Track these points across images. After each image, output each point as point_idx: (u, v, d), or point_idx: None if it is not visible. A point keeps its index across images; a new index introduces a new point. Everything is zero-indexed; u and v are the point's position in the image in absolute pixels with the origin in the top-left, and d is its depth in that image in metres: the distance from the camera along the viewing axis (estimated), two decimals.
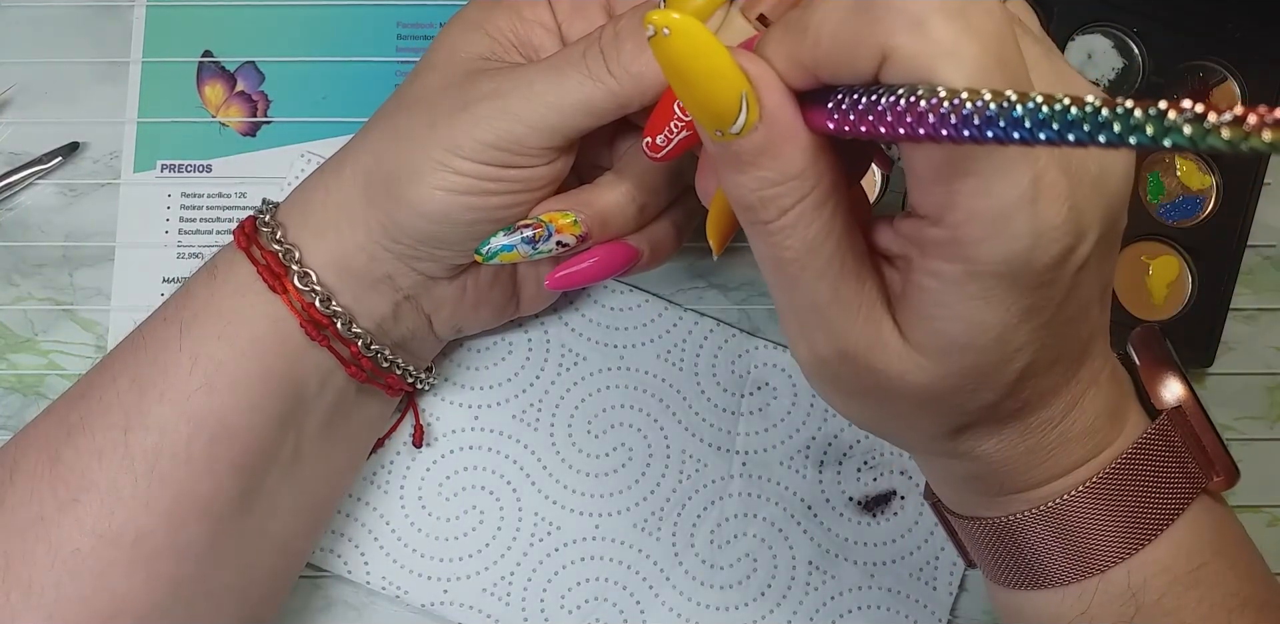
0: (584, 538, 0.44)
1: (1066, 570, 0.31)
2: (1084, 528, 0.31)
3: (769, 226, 0.25)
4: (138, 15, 0.46)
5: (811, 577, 0.44)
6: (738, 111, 0.24)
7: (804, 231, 0.25)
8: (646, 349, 0.45)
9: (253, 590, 0.37)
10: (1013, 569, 0.33)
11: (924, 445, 0.32)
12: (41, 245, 0.45)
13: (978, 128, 0.19)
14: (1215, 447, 0.32)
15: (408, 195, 0.33)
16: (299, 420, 0.36)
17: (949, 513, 0.35)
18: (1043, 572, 0.32)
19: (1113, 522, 0.31)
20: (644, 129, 0.32)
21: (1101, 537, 0.31)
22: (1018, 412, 0.29)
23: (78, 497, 0.33)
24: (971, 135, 0.19)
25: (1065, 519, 0.31)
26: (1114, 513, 0.31)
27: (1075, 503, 0.31)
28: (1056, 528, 0.31)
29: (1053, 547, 0.31)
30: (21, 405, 0.45)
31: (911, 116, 0.21)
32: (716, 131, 0.24)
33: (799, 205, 0.25)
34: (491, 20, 0.34)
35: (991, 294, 0.25)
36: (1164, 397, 0.32)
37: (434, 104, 0.33)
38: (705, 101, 0.24)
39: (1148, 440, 0.31)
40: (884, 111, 0.22)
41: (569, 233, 0.34)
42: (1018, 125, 0.18)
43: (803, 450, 0.44)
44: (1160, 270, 0.44)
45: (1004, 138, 0.19)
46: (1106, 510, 0.31)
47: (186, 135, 0.46)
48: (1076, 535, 0.31)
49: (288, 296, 0.34)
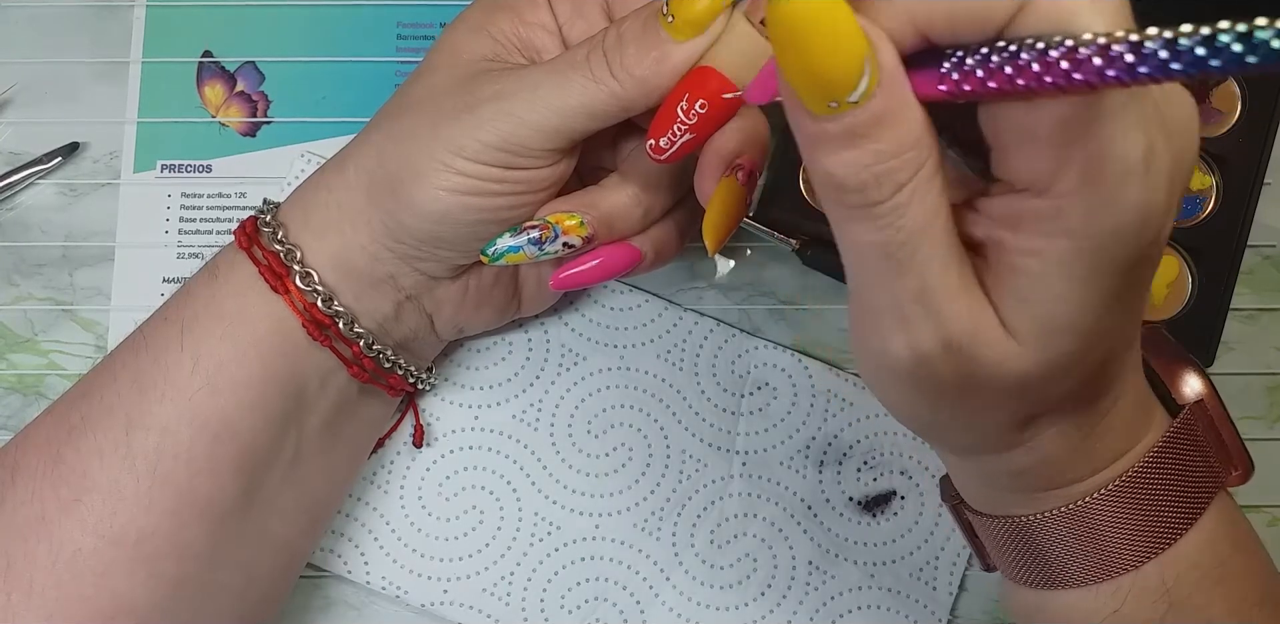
0: (584, 538, 0.44)
1: (1093, 570, 0.31)
2: (1111, 527, 0.30)
3: (880, 207, 0.23)
4: (138, 15, 0.46)
5: (811, 577, 0.44)
6: (859, 77, 0.21)
7: (918, 208, 0.23)
8: (646, 349, 0.45)
9: (253, 590, 0.37)
10: (1036, 569, 0.32)
11: (985, 441, 0.30)
12: (41, 245, 0.45)
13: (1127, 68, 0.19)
14: (1234, 440, 0.32)
15: (411, 195, 0.33)
16: (301, 420, 0.36)
17: (970, 511, 0.34)
18: (1068, 571, 0.31)
19: (1142, 520, 0.30)
20: (648, 131, 0.32)
21: (1130, 536, 0.30)
22: (1090, 398, 0.28)
23: (79, 497, 0.33)
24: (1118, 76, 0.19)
25: (1091, 519, 0.30)
26: (1143, 511, 0.30)
27: (1102, 502, 0.30)
28: (1082, 527, 0.30)
29: (1079, 546, 0.31)
30: (21, 405, 0.45)
31: (1047, 66, 0.20)
32: (830, 103, 0.22)
33: (914, 180, 0.23)
34: (494, 22, 0.34)
35: (1096, 273, 0.23)
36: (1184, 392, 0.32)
37: (437, 105, 0.33)
38: (824, 68, 0.21)
39: (1174, 436, 0.31)
40: (1022, 65, 0.21)
41: (575, 234, 0.34)
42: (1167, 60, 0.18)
43: (803, 450, 0.44)
44: (1160, 270, 0.44)
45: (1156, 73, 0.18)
46: (1135, 509, 0.30)
47: (186, 135, 0.46)
48: (1103, 535, 0.30)
49: (289, 297, 0.34)
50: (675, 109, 0.31)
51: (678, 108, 0.31)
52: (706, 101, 0.31)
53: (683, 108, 0.31)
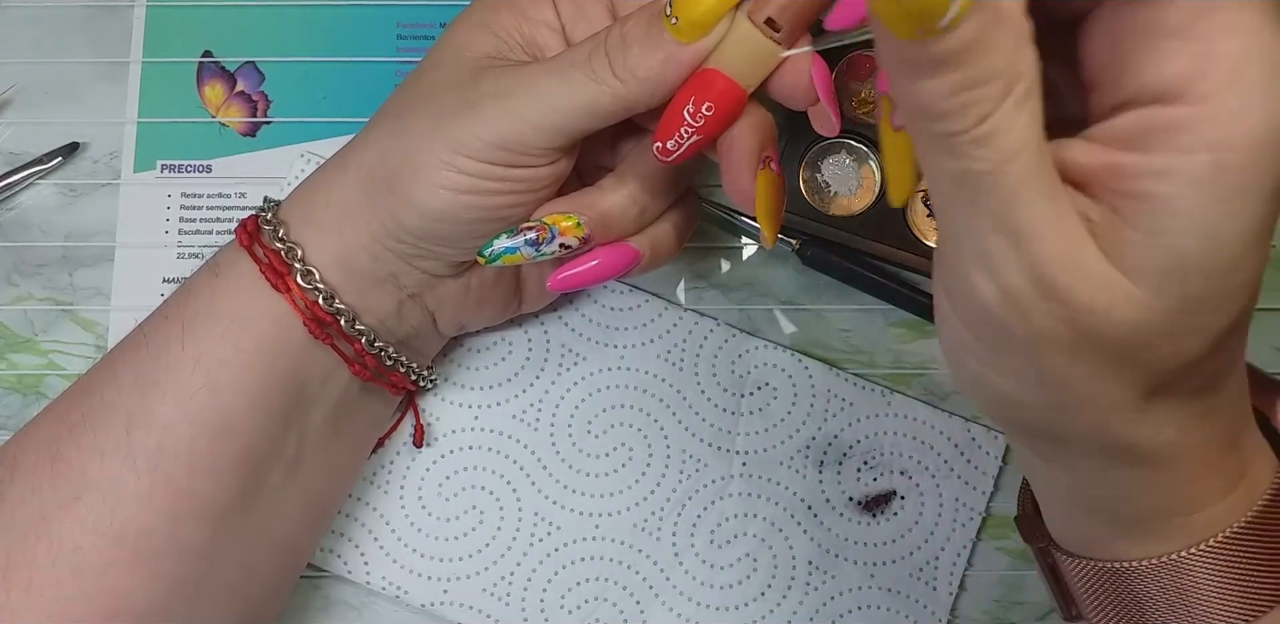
0: (584, 538, 0.44)
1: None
2: (1210, 585, 0.27)
3: (963, 137, 0.21)
4: (138, 15, 0.46)
5: (811, 577, 0.44)
6: (948, 3, 0.19)
7: (1005, 137, 0.21)
8: (646, 349, 0.45)
9: (254, 589, 0.37)
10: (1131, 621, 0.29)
11: (1095, 429, 0.25)
12: (41, 245, 0.45)
13: None
14: None
15: (411, 193, 0.33)
16: (302, 419, 0.36)
17: (1060, 553, 0.31)
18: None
19: (1245, 580, 0.27)
20: (654, 133, 0.32)
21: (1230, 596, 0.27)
22: (1211, 380, 0.25)
23: (79, 495, 0.33)
24: None
25: (1191, 574, 0.27)
26: (1246, 571, 0.27)
27: (1205, 556, 0.27)
28: (1182, 583, 0.28)
29: (1180, 600, 0.28)
30: (21, 405, 0.45)
31: None
32: (918, 30, 0.20)
33: (1003, 106, 0.21)
34: (497, 19, 0.34)
35: (1241, 195, 0.21)
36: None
37: (439, 102, 0.33)
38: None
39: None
40: None
41: (572, 235, 0.34)
42: None
43: (803, 450, 0.44)
44: None
45: None
46: (1238, 567, 0.27)
47: (186, 135, 0.46)
48: (1200, 593, 0.28)
49: (290, 295, 0.34)
50: (682, 112, 0.31)
51: (684, 111, 0.31)
52: (713, 104, 0.31)
53: (689, 111, 0.31)
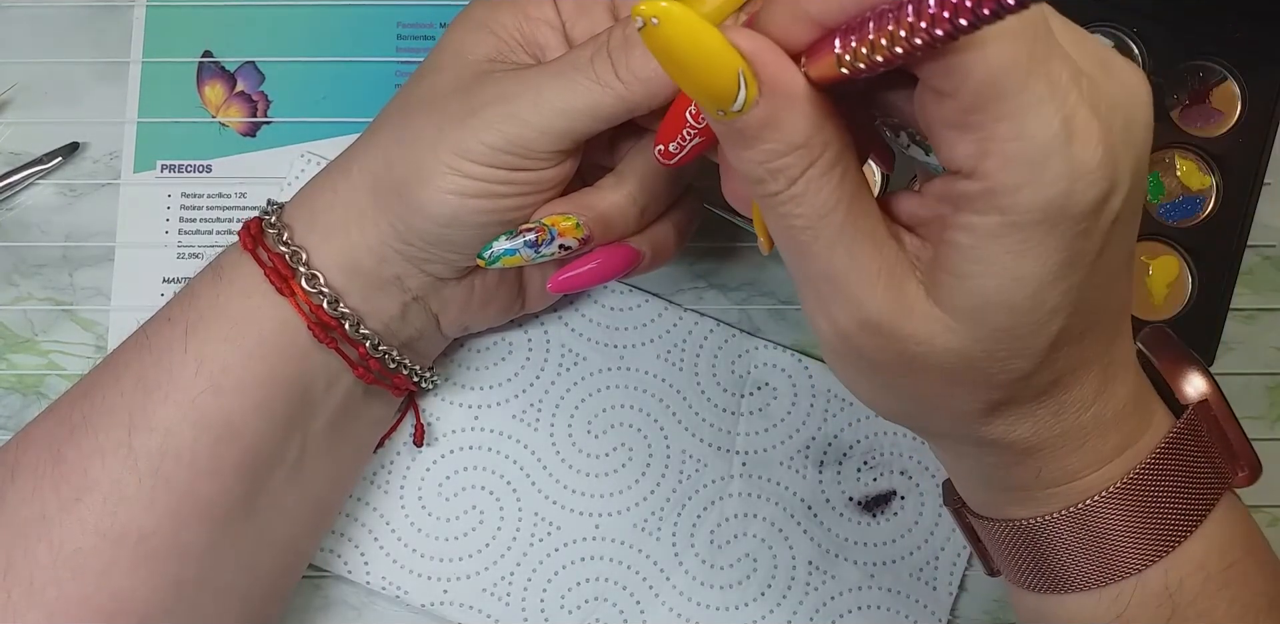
0: (584, 538, 0.44)
1: (1097, 574, 0.31)
2: (1114, 530, 0.30)
3: (779, 197, 0.25)
4: (138, 15, 0.46)
5: (811, 577, 0.44)
6: (736, 91, 0.24)
7: (814, 199, 0.25)
8: (646, 349, 0.45)
9: (255, 590, 0.37)
10: (1039, 573, 0.32)
11: (955, 429, 0.30)
12: (41, 245, 0.45)
13: None
14: (1240, 440, 0.32)
15: (418, 199, 0.33)
16: (305, 422, 0.36)
17: (972, 515, 0.34)
18: (1072, 575, 0.31)
19: (1145, 523, 0.30)
20: (656, 136, 0.32)
21: (1133, 539, 0.30)
22: (1051, 386, 0.28)
23: (80, 496, 0.33)
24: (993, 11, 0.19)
25: (1094, 521, 0.30)
26: (1147, 513, 0.30)
27: (1105, 504, 0.30)
28: (1085, 530, 0.30)
29: (1082, 550, 0.30)
30: (21, 405, 0.45)
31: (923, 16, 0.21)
32: (719, 112, 0.24)
33: (807, 173, 0.25)
34: (497, 19, 0.34)
35: (1028, 245, 0.24)
36: (1187, 391, 0.32)
37: (442, 107, 0.33)
38: (703, 85, 0.24)
39: (1178, 436, 0.30)
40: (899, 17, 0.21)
41: (571, 236, 0.34)
42: None
43: (803, 450, 0.44)
44: (1160, 270, 0.44)
45: None
46: (1139, 511, 0.30)
47: (186, 135, 0.46)
48: (1106, 538, 0.30)
49: (295, 299, 0.34)
50: (684, 114, 0.31)
51: (686, 113, 0.31)
52: None
53: (691, 112, 0.31)
